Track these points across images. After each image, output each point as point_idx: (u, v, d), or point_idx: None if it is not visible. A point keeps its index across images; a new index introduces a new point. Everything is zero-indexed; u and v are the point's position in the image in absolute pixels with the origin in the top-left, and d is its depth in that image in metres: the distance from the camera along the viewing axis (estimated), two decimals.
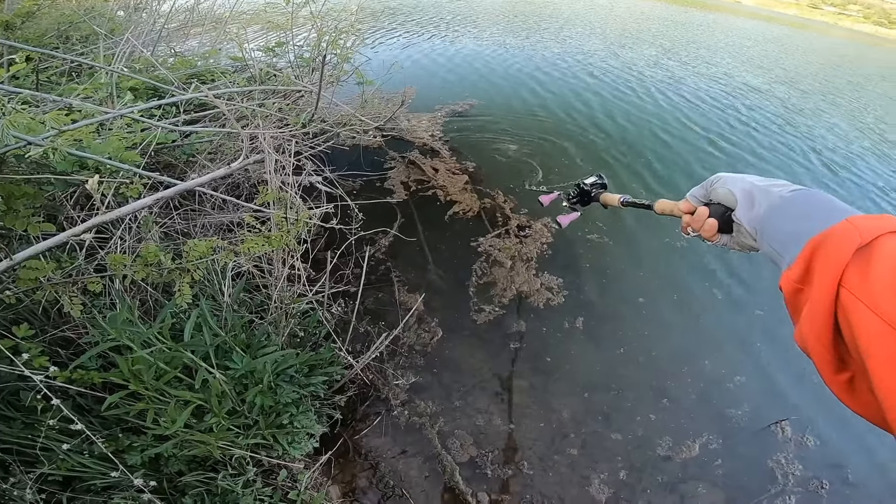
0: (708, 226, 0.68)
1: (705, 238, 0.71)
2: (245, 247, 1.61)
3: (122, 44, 2.69)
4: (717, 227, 0.69)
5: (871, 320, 0.38)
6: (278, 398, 1.59)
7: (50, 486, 1.14)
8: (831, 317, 0.42)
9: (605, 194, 1.09)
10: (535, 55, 7.38)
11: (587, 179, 1.13)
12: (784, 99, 7.52)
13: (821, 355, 0.44)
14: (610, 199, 1.05)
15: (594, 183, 1.12)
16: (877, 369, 0.37)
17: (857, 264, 0.41)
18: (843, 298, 0.41)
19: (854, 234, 0.43)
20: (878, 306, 0.38)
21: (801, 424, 2.27)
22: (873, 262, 0.40)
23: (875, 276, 0.39)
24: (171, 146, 2.37)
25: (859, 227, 0.43)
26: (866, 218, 0.45)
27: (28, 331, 1.32)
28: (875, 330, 0.37)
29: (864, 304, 0.39)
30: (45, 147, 1.46)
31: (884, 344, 0.36)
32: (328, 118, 3.15)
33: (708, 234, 0.70)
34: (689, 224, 0.74)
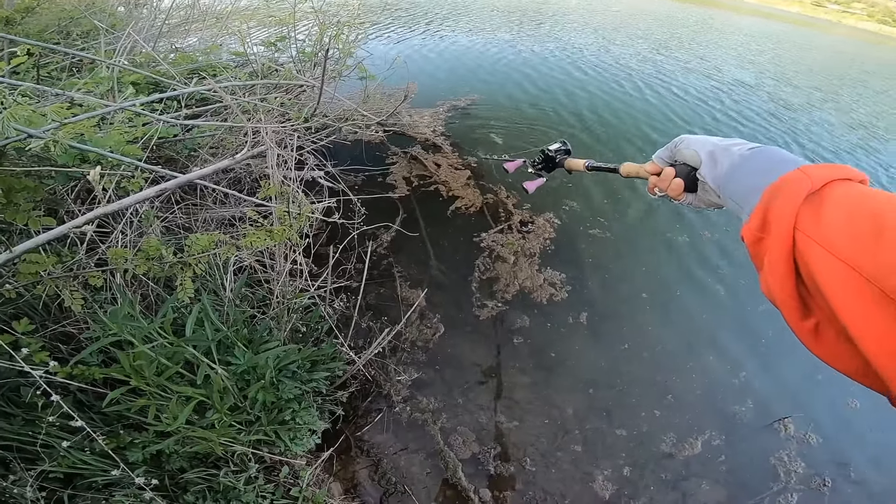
0: (675, 185, 0.71)
1: (672, 197, 0.73)
2: (247, 241, 1.60)
3: (123, 39, 2.66)
4: (684, 186, 0.71)
5: (827, 260, 0.39)
6: (280, 394, 1.58)
7: (51, 484, 1.12)
8: (791, 261, 0.44)
9: (569, 160, 1.09)
10: (536, 51, 7.32)
11: (551, 146, 1.14)
12: (772, 93, 7.44)
13: (785, 302, 0.45)
14: (574, 164, 1.06)
15: (558, 149, 1.13)
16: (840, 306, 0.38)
17: (810, 208, 0.43)
18: (800, 242, 0.42)
19: (805, 180, 0.45)
20: (832, 246, 0.39)
21: (804, 422, 2.25)
22: (825, 205, 0.42)
23: (827, 218, 0.41)
24: (173, 141, 2.34)
25: (810, 174, 0.46)
26: (817, 167, 0.47)
27: (28, 326, 1.31)
28: (832, 269, 0.38)
29: (819, 245, 0.40)
30: (46, 140, 1.44)
31: (842, 281, 0.38)
32: (330, 113, 3.12)
33: (675, 194, 0.72)
34: (656, 185, 0.76)
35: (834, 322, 0.40)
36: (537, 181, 1.18)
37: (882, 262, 0.36)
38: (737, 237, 2.33)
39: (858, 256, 0.37)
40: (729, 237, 3.40)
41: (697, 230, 3.42)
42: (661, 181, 0.74)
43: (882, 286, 0.35)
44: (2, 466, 1.11)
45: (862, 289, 0.37)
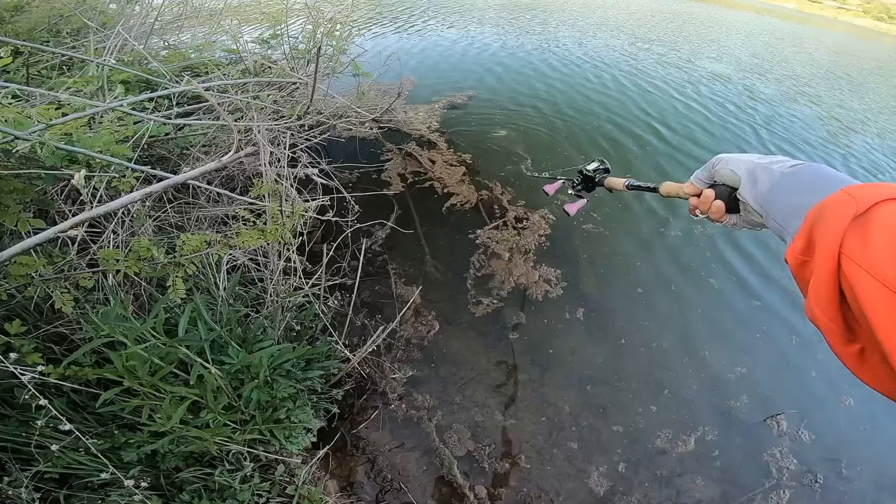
0: (715, 207, 0.70)
1: (713, 219, 0.72)
2: (240, 240, 1.60)
3: (112, 37, 2.64)
4: (725, 207, 0.69)
5: (873, 286, 0.38)
6: (275, 393, 1.58)
7: (46, 484, 1.13)
8: (835, 286, 0.42)
9: (609, 178, 1.08)
10: (532, 46, 7.30)
11: (589, 165, 1.12)
12: (748, 86, 7.37)
13: (828, 327, 0.44)
14: (615, 184, 1.05)
15: (597, 168, 1.11)
16: (884, 335, 0.37)
17: (856, 232, 0.41)
18: (845, 266, 0.41)
19: (850, 202, 0.43)
20: (879, 272, 0.38)
21: (796, 418, 2.28)
22: (872, 229, 0.40)
23: (874, 242, 0.39)
24: (164, 139, 2.33)
25: (855, 195, 0.44)
26: (862, 187, 0.45)
27: (21, 327, 1.31)
28: (878, 296, 0.37)
29: (865, 270, 0.39)
30: (33, 141, 1.43)
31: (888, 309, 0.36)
32: (324, 110, 3.11)
33: (716, 216, 0.71)
34: (696, 206, 0.75)
35: (878, 346, 0.38)
36: (578, 203, 1.17)
37: None
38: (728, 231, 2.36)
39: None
40: (720, 232, 3.42)
41: (690, 225, 3.44)
42: (701, 203, 0.72)
43: None
44: None
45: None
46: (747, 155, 0.65)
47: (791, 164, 0.58)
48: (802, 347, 2.63)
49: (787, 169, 0.57)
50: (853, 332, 0.43)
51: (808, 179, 0.53)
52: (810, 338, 2.69)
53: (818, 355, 2.60)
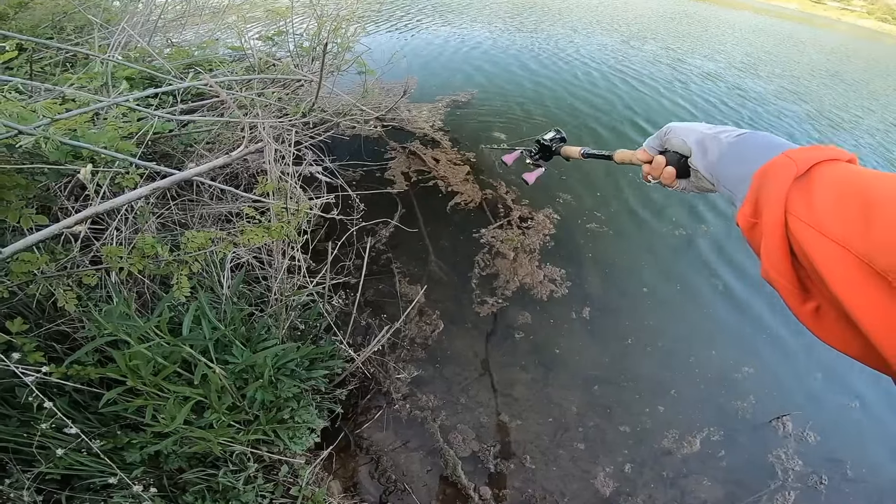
0: (667, 173, 0.72)
1: (665, 184, 0.74)
2: (244, 238, 1.57)
3: (117, 33, 2.61)
4: (676, 174, 0.72)
5: (821, 242, 0.39)
6: (279, 393, 1.56)
7: (48, 486, 1.10)
8: (785, 245, 0.44)
9: (565, 147, 1.10)
10: (536, 46, 7.26)
11: (546, 135, 1.14)
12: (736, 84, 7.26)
13: (783, 286, 0.46)
14: (571, 152, 1.07)
15: (553, 137, 1.14)
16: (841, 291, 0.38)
17: (800, 192, 0.43)
18: (793, 226, 0.43)
19: (790, 164, 0.46)
20: (824, 228, 0.39)
21: (802, 419, 2.25)
22: (814, 187, 0.43)
23: (817, 200, 0.42)
24: (169, 136, 2.31)
25: (795, 158, 0.46)
26: (802, 150, 0.48)
27: (22, 325, 1.28)
28: (827, 251, 0.39)
29: (812, 227, 0.41)
30: (37, 136, 1.40)
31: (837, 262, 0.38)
32: (328, 108, 3.08)
33: (668, 181, 0.73)
34: (649, 172, 0.77)
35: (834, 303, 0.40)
36: (536, 171, 1.18)
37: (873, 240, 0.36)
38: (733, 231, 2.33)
39: (850, 237, 0.38)
40: (725, 231, 3.39)
41: (695, 224, 3.41)
42: (653, 169, 0.75)
43: (875, 265, 0.36)
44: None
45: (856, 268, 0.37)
46: (696, 124, 0.68)
47: (737, 133, 0.60)
48: (809, 348, 2.60)
49: (734, 138, 0.59)
50: (808, 290, 0.44)
51: (753, 147, 0.55)
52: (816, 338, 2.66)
53: (825, 356, 2.57)
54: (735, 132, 0.60)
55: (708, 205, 3.61)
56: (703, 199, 3.67)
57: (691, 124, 0.68)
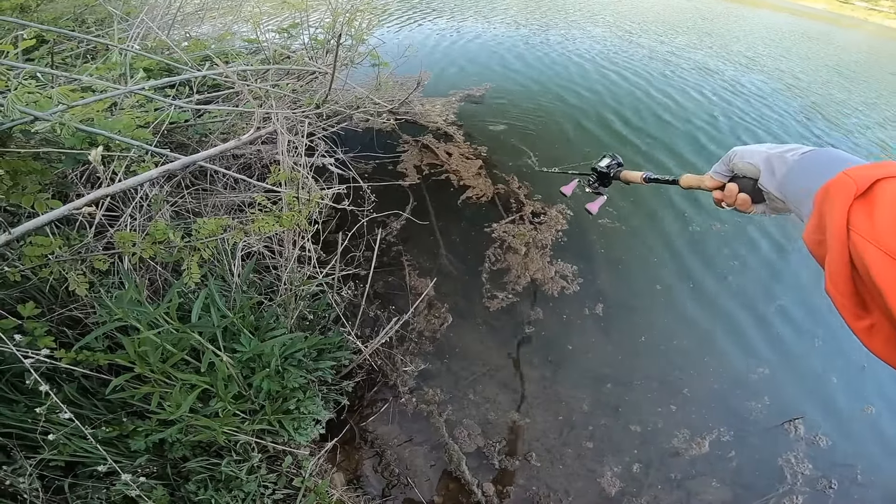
0: (741, 200, 0.71)
1: (742, 210, 0.73)
2: (255, 226, 1.55)
3: (136, 25, 2.61)
4: (751, 199, 0.70)
5: (881, 259, 0.39)
6: (285, 383, 1.54)
7: (52, 472, 1.09)
8: (847, 263, 0.44)
9: (625, 172, 1.06)
10: (551, 41, 7.12)
11: (601, 162, 1.12)
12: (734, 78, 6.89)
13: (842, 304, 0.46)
14: (632, 177, 1.03)
15: (609, 164, 1.11)
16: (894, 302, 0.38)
17: (862, 209, 0.43)
18: (855, 241, 0.43)
19: (849, 183, 0.45)
20: (885, 245, 0.40)
21: (814, 423, 2.18)
22: (876, 205, 0.42)
23: (879, 218, 0.41)
24: (184, 125, 2.30)
25: (853, 176, 0.46)
26: (860, 168, 0.47)
27: (34, 309, 1.28)
28: (887, 267, 0.39)
29: (872, 244, 0.41)
30: (53, 122, 1.39)
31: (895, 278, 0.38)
32: (342, 100, 3.05)
33: (743, 208, 0.72)
34: (722, 199, 0.75)
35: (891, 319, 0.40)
36: (599, 200, 1.15)
37: None
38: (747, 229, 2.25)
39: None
40: (739, 229, 3.28)
41: (708, 221, 3.31)
42: (727, 197, 0.73)
43: None
44: (2, 454, 1.08)
45: None
46: (761, 145, 0.67)
47: (802, 151, 0.59)
48: (825, 351, 2.52)
49: (799, 156, 0.59)
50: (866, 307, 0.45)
51: (815, 164, 0.56)
52: (833, 341, 2.58)
53: (841, 360, 2.48)
54: (801, 150, 0.60)
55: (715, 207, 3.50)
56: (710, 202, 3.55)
57: (756, 146, 0.67)
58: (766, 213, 0.72)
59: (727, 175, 0.73)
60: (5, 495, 1.00)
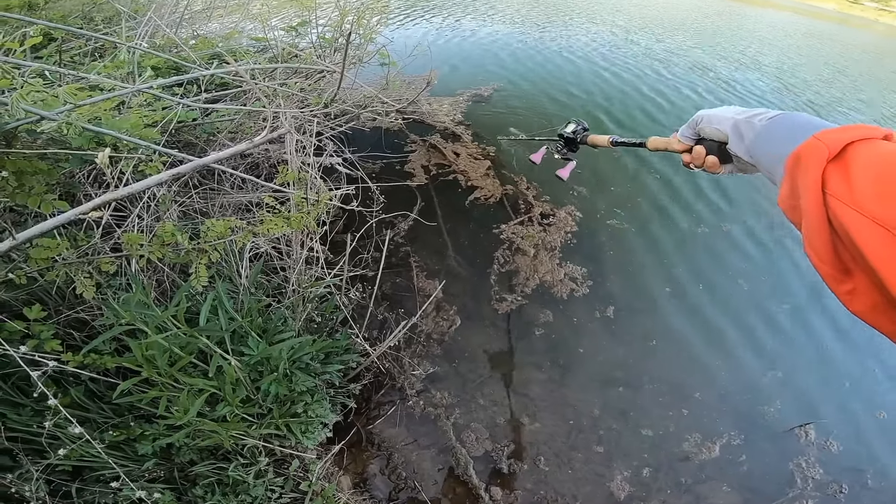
0: (710, 162, 0.72)
1: (710, 172, 0.74)
2: (264, 227, 1.52)
3: (144, 23, 2.59)
4: (719, 161, 0.71)
5: (865, 225, 0.39)
6: (293, 386, 1.51)
7: (58, 477, 1.07)
8: (825, 229, 0.43)
9: (591, 136, 1.07)
10: (562, 41, 7.04)
11: (567, 128, 1.12)
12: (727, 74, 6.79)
13: (824, 271, 0.46)
14: (599, 140, 1.03)
15: (575, 129, 1.10)
16: (884, 272, 0.38)
17: (838, 172, 0.43)
18: (834, 207, 0.42)
19: (821, 147, 0.45)
20: (864, 208, 0.39)
21: (826, 428, 2.14)
22: (852, 167, 0.42)
23: (857, 180, 0.41)
24: (192, 124, 2.27)
25: (825, 140, 0.45)
26: (831, 131, 0.46)
27: (41, 312, 1.26)
28: (871, 234, 0.38)
29: (852, 208, 0.40)
30: (59, 122, 1.37)
31: (879, 242, 0.38)
32: (350, 99, 3.01)
33: (712, 169, 0.73)
34: (690, 161, 0.76)
35: (874, 281, 0.40)
36: (569, 166, 1.14)
37: None
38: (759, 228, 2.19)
39: (890, 217, 0.37)
40: (748, 230, 3.23)
41: (718, 222, 3.26)
42: (695, 159, 0.74)
43: None
44: (9, 458, 1.05)
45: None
46: (727, 108, 0.67)
47: (770, 115, 0.59)
48: (838, 354, 2.47)
49: (766, 121, 0.58)
50: (847, 271, 0.44)
51: (784, 129, 0.55)
52: (847, 344, 2.53)
53: (855, 364, 2.43)
54: (768, 114, 0.59)
55: (725, 206, 3.45)
56: (724, 195, 3.50)
57: (721, 110, 0.67)
58: (733, 173, 0.73)
59: (694, 138, 0.74)
60: (11, 500, 0.98)
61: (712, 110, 0.69)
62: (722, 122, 0.66)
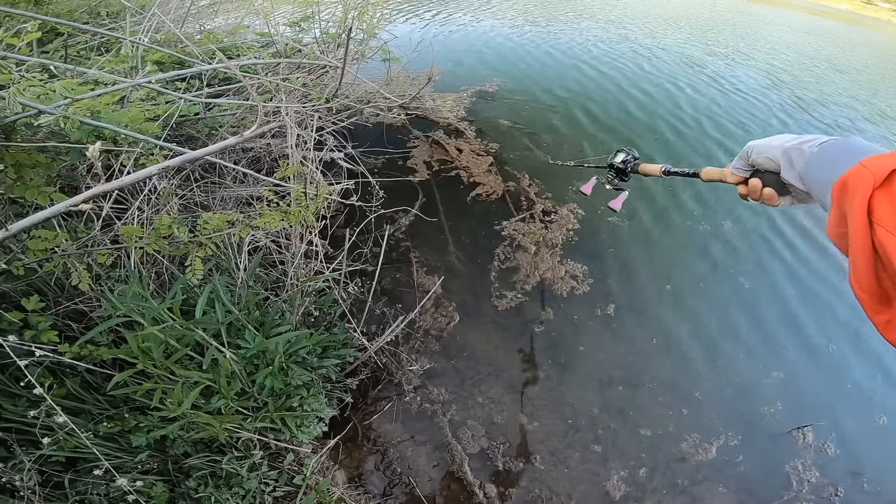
0: (767, 195, 0.70)
1: (769, 204, 0.71)
2: (262, 221, 1.51)
3: (147, 18, 2.59)
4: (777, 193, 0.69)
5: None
6: (289, 380, 1.51)
7: (52, 467, 1.08)
8: (870, 255, 0.43)
9: (643, 165, 1.05)
10: (566, 38, 6.97)
11: (616, 158, 1.11)
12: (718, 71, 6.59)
13: (865, 302, 0.45)
14: (650, 170, 1.01)
15: (625, 159, 1.09)
16: None
17: (884, 201, 0.42)
18: (881, 236, 0.41)
19: (867, 175, 0.43)
20: None
21: (824, 431, 2.11)
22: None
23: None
24: (194, 119, 2.27)
25: (870, 167, 0.44)
26: (876, 158, 0.45)
27: (38, 303, 1.26)
28: None
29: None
30: (57, 116, 1.37)
31: None
32: (352, 94, 3.00)
33: (770, 202, 0.70)
34: (747, 194, 0.74)
35: None
36: (621, 196, 1.14)
37: None
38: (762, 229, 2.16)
39: None
40: (750, 229, 3.19)
41: (718, 220, 3.22)
42: (751, 192, 0.72)
43: None
44: (3, 449, 1.06)
45: None
46: (776, 137, 0.65)
47: (820, 141, 0.57)
48: (841, 358, 2.43)
49: (817, 147, 0.57)
50: (888, 302, 0.43)
51: (833, 155, 0.54)
52: (849, 347, 2.49)
53: (858, 368, 2.39)
54: (818, 140, 0.57)
55: (726, 204, 3.41)
56: (720, 199, 3.45)
57: (771, 139, 0.66)
58: (794, 204, 0.70)
59: (748, 170, 0.72)
60: (4, 491, 0.99)
61: (762, 140, 0.67)
62: (772, 151, 0.64)
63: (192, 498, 1.23)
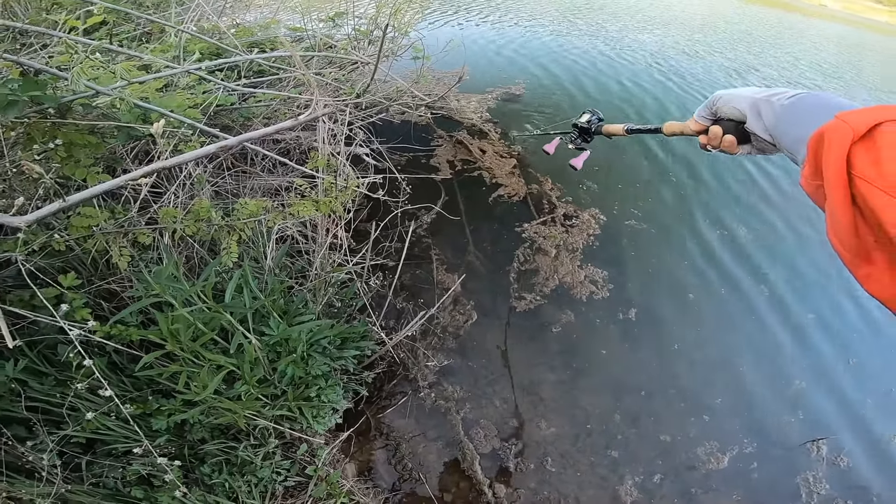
0: (727, 142, 0.69)
1: (727, 152, 0.71)
2: (294, 209, 1.50)
3: (191, 9, 2.61)
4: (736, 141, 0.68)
5: (893, 206, 0.37)
6: (309, 369, 1.49)
7: (72, 449, 1.06)
8: (849, 208, 0.41)
9: (606, 125, 1.05)
10: (594, 44, 6.81)
11: (581, 118, 1.10)
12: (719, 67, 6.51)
13: (846, 257, 0.44)
14: (614, 129, 1.01)
15: (590, 119, 1.09)
16: None
17: (866, 154, 0.40)
18: (863, 189, 0.40)
19: (845, 128, 0.42)
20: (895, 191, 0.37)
21: (838, 444, 2.04)
22: (881, 150, 0.39)
23: (886, 164, 0.39)
24: (230, 108, 2.27)
25: (849, 120, 0.43)
26: (854, 112, 0.44)
27: (75, 280, 1.26)
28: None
29: (882, 191, 0.38)
30: (113, 97, 1.37)
31: None
32: (381, 91, 2.96)
33: (730, 149, 0.70)
34: (707, 142, 0.73)
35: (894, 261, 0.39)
36: (582, 156, 1.12)
37: None
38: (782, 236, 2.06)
39: None
40: (771, 231, 3.07)
41: (735, 228, 3.10)
42: (711, 140, 0.71)
43: None
44: (25, 429, 1.05)
45: None
46: (745, 89, 0.64)
47: (790, 94, 0.56)
48: (865, 371, 2.34)
49: (787, 100, 0.56)
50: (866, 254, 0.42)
51: (806, 109, 0.53)
52: (875, 362, 2.40)
53: (881, 383, 2.31)
54: (788, 94, 0.56)
55: (748, 211, 3.29)
56: (742, 199, 3.33)
57: (739, 90, 0.65)
58: (752, 154, 0.70)
59: (710, 118, 0.71)
60: (21, 471, 0.98)
61: (730, 90, 0.66)
62: (740, 101, 0.63)
63: (206, 484, 1.22)
